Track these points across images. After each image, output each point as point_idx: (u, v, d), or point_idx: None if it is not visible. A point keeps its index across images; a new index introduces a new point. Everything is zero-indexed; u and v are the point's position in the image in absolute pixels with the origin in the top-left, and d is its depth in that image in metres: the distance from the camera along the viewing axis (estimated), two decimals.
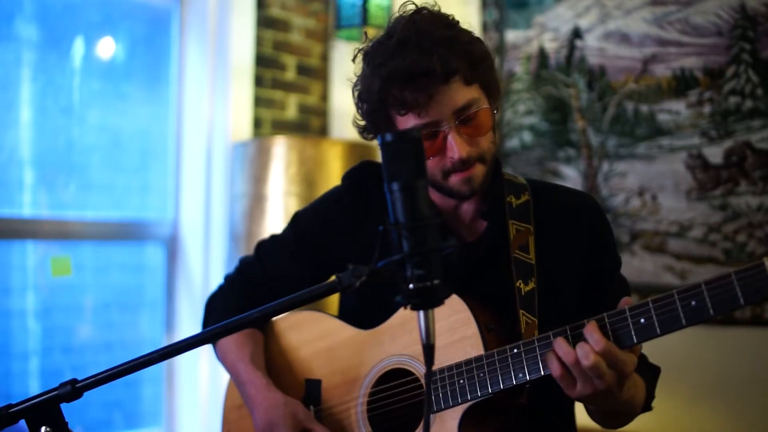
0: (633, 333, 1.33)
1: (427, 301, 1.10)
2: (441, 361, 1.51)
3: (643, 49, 2.96)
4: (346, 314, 1.76)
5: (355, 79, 1.62)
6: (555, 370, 1.37)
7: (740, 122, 2.74)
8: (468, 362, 1.48)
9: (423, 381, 1.54)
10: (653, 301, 1.32)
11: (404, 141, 1.11)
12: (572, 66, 3.14)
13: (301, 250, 1.79)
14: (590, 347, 1.33)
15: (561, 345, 1.36)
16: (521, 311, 1.54)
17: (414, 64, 1.46)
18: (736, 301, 1.24)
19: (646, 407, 1.61)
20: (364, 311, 1.67)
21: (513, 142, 3.26)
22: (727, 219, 2.75)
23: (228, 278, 1.89)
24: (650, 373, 1.64)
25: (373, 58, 1.54)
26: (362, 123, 1.65)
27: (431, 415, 1.51)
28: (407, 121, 1.51)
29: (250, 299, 1.73)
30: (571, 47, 3.15)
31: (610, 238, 1.69)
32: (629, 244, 2.93)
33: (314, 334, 1.75)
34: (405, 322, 1.60)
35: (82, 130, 3.25)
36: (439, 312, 1.51)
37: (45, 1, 3.15)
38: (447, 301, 1.50)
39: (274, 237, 1.87)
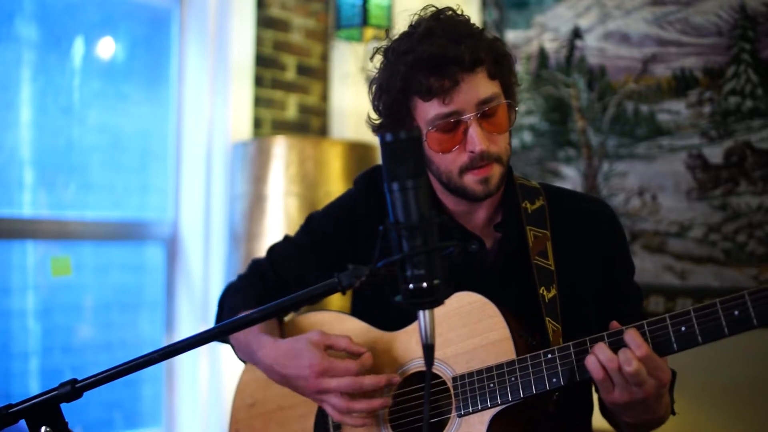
0: (674, 341, 1.34)
1: (426, 301, 1.09)
2: (471, 364, 1.51)
3: (643, 49, 2.96)
4: (363, 316, 1.73)
5: (370, 78, 1.62)
6: (597, 374, 1.36)
7: (740, 122, 2.73)
8: (499, 366, 1.47)
9: (449, 384, 1.53)
10: (695, 309, 1.33)
11: (404, 141, 1.10)
12: (572, 66, 3.14)
13: (313, 252, 1.78)
14: (632, 353, 1.33)
15: (604, 350, 1.35)
16: (547, 318, 1.53)
17: (443, 49, 1.47)
18: None
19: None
20: (386, 314, 1.63)
21: (513, 142, 3.25)
22: (727, 219, 2.74)
23: (241, 277, 1.88)
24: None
25: (398, 47, 1.54)
26: (377, 121, 1.63)
27: (458, 419, 1.50)
28: (430, 109, 1.50)
29: (261, 301, 1.70)
30: (571, 47, 3.15)
31: (626, 247, 1.71)
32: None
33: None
34: None
35: (82, 130, 3.25)
36: (470, 315, 1.52)
37: (45, 1, 3.15)
38: (478, 305, 1.51)
39: (286, 239, 1.87)
